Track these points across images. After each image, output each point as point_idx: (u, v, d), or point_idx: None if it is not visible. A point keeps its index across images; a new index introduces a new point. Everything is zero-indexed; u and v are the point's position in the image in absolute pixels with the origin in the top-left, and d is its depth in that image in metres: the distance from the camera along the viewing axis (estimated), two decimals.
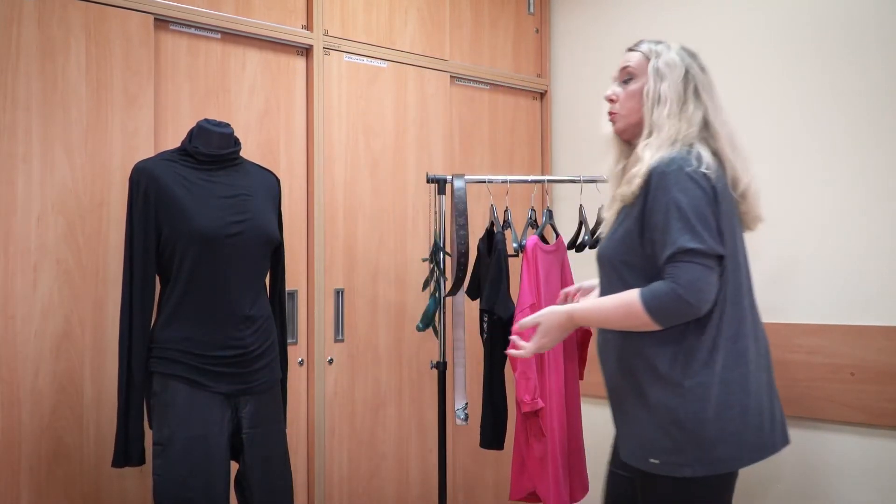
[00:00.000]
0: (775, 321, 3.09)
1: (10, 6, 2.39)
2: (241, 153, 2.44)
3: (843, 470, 2.90)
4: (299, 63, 3.05)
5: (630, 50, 2.03)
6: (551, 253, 2.76)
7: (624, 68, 2.01)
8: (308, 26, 3.04)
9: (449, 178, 2.77)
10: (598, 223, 2.84)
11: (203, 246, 2.24)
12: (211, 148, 2.33)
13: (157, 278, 2.31)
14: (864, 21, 2.92)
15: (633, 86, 1.98)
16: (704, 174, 1.81)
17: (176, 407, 2.21)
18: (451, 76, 3.49)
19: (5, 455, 2.34)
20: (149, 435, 2.28)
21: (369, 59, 3.21)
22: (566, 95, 3.86)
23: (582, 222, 2.88)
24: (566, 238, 2.88)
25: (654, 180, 1.82)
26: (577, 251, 2.84)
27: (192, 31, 2.77)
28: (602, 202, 2.81)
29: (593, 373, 2.92)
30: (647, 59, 1.97)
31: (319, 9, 3.05)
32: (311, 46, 3.04)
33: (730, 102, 3.24)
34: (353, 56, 3.16)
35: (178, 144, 2.42)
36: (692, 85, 1.93)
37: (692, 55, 2.00)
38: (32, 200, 2.41)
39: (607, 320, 1.89)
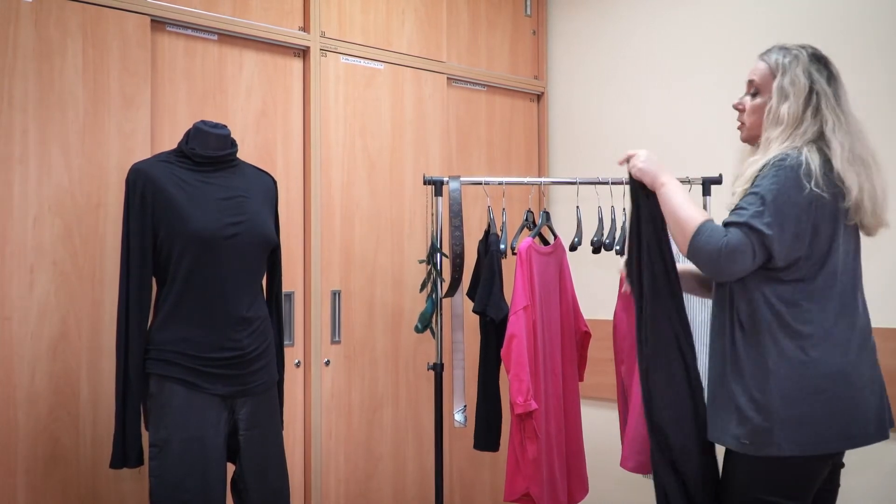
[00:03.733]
0: None
1: (7, 7, 2.39)
2: (238, 154, 2.44)
3: (842, 470, 2.90)
4: (296, 64, 3.05)
5: (760, 58, 2.05)
6: (548, 255, 2.76)
7: (751, 81, 2.06)
8: (305, 28, 3.04)
9: (445, 179, 2.77)
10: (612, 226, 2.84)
11: (200, 247, 2.24)
12: (208, 149, 2.33)
13: (154, 280, 2.31)
14: (864, 21, 2.92)
15: (757, 100, 2.04)
16: (808, 173, 1.86)
17: (173, 408, 2.21)
18: (447, 78, 3.49)
19: (1, 457, 2.33)
20: (145, 436, 2.28)
21: (366, 61, 3.21)
22: (563, 97, 3.86)
23: (579, 224, 2.88)
24: (567, 240, 2.88)
25: (765, 170, 1.92)
26: (570, 250, 2.84)
27: (189, 32, 2.77)
28: (599, 203, 2.81)
29: (593, 374, 2.93)
30: (773, 74, 1.99)
31: (316, 10, 3.05)
32: (308, 48, 3.04)
33: (726, 102, 3.25)
34: (350, 57, 3.16)
35: (174, 146, 2.41)
36: (813, 103, 1.95)
37: (822, 64, 2.00)
38: (29, 202, 2.41)
39: (669, 210, 2.03)
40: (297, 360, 3.00)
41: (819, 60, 2.00)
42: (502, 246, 2.77)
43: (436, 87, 3.44)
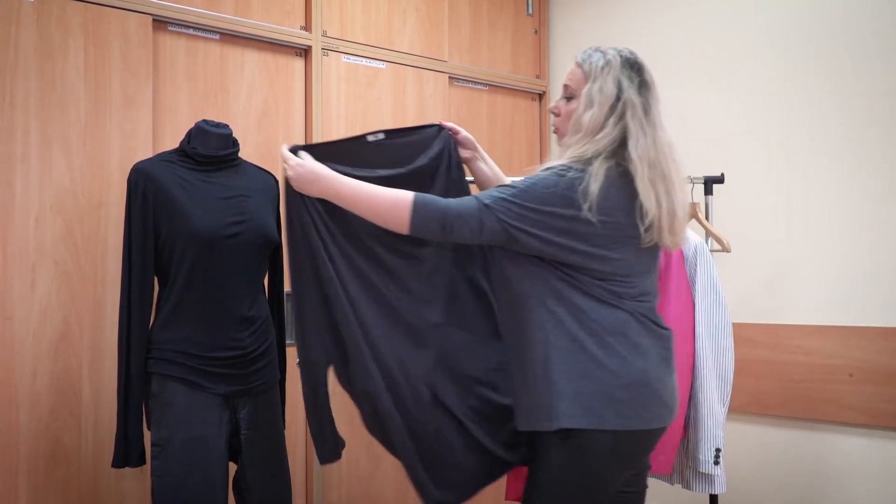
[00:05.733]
0: (774, 323, 3.09)
1: (9, 7, 2.39)
2: (240, 154, 2.44)
3: (841, 471, 2.90)
4: (298, 64, 3.04)
5: (576, 62, 1.99)
6: None
7: (566, 85, 2.01)
8: (307, 27, 3.04)
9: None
10: None
11: (201, 247, 2.24)
12: (209, 149, 2.32)
13: (156, 279, 2.31)
14: (864, 22, 2.92)
15: (572, 105, 1.97)
16: (585, 193, 1.83)
17: (174, 408, 2.21)
18: (449, 77, 3.49)
19: (3, 456, 2.33)
20: (147, 436, 2.27)
21: (368, 60, 3.21)
22: None
23: None
24: None
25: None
26: None
27: (191, 31, 2.77)
28: None
29: None
30: (586, 80, 1.94)
31: (318, 10, 3.05)
32: (310, 47, 3.04)
33: (728, 102, 3.26)
34: (351, 57, 3.16)
35: (176, 145, 2.41)
36: (618, 112, 1.90)
37: (635, 71, 1.94)
38: (31, 201, 2.41)
39: (367, 202, 1.97)
40: (298, 360, 2.99)
41: (632, 67, 1.94)
42: None
43: (437, 86, 3.43)
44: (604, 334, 1.87)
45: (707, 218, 2.83)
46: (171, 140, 2.67)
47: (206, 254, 2.25)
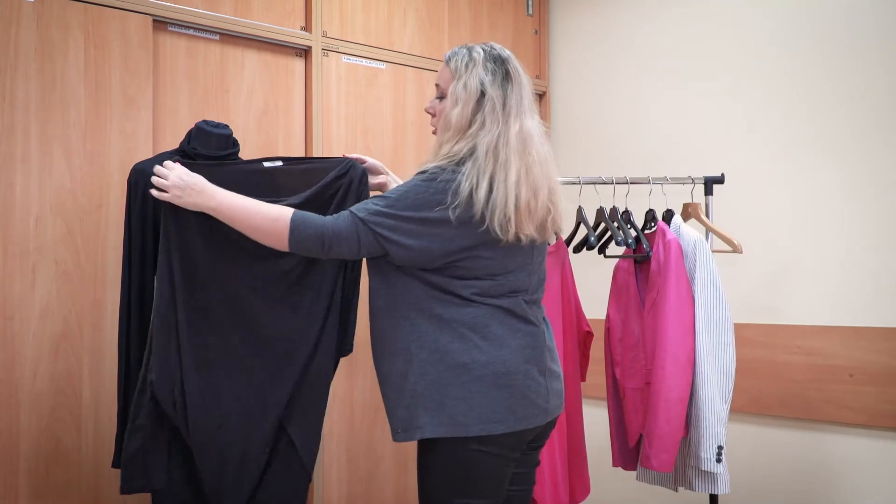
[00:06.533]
0: (774, 323, 3.09)
1: (9, 7, 2.39)
2: (240, 154, 2.44)
3: (842, 471, 2.90)
4: (298, 64, 3.04)
5: (445, 61, 2.01)
6: (551, 254, 2.75)
7: (437, 85, 2.03)
8: (307, 27, 3.04)
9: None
10: (597, 224, 2.84)
11: None
12: (209, 149, 2.32)
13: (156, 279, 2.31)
14: (865, 21, 2.92)
15: (443, 104, 1.99)
16: (456, 192, 1.84)
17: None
18: None
19: (3, 457, 2.33)
20: None
21: (368, 61, 3.21)
22: (565, 96, 3.86)
23: (580, 223, 2.88)
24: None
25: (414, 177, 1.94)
26: (574, 251, 2.84)
27: (191, 32, 2.77)
28: (601, 203, 2.81)
29: (595, 374, 2.93)
30: (452, 77, 1.96)
31: (318, 10, 3.05)
32: (310, 48, 3.04)
33: (728, 102, 3.26)
34: (351, 57, 3.16)
35: (176, 146, 2.41)
36: (484, 109, 1.91)
37: (497, 65, 1.95)
38: (31, 202, 2.41)
39: (243, 217, 1.97)
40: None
41: (495, 61, 1.95)
42: None
43: None
44: (461, 328, 1.88)
45: (707, 218, 2.83)
46: (172, 140, 2.67)
47: None
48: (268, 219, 1.95)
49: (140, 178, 2.25)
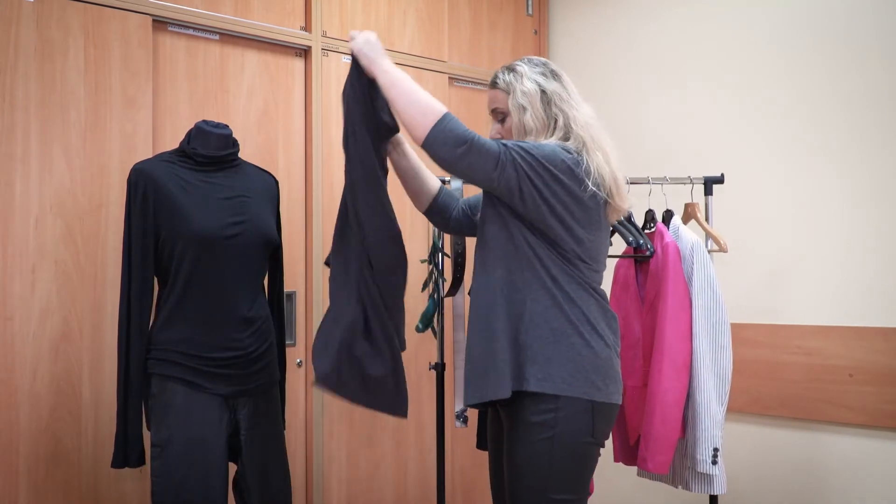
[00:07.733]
0: (774, 323, 3.09)
1: (9, 7, 2.39)
2: (240, 154, 2.44)
3: (841, 471, 2.90)
4: (298, 64, 3.05)
5: (490, 87, 2.10)
6: None
7: (494, 110, 2.10)
8: (306, 27, 3.04)
9: (447, 178, 2.77)
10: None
11: (201, 247, 2.24)
12: (209, 149, 2.33)
13: (156, 280, 2.31)
14: (865, 21, 2.92)
15: (507, 123, 2.07)
16: (577, 164, 1.94)
17: (174, 408, 2.21)
18: (449, 77, 3.49)
19: (3, 456, 2.33)
20: (147, 436, 2.27)
21: None
22: None
23: None
24: None
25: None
26: None
27: (191, 32, 2.77)
28: None
29: None
30: (507, 94, 2.05)
31: (318, 10, 3.05)
32: (310, 48, 3.04)
33: (728, 102, 3.26)
34: (351, 57, 3.15)
35: (176, 146, 2.41)
36: (551, 103, 2.01)
37: (543, 66, 2.06)
38: (31, 202, 2.41)
39: (403, 92, 1.97)
40: (298, 360, 3.00)
41: (538, 65, 2.06)
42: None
43: (437, 86, 3.43)
44: (588, 320, 1.97)
45: (707, 218, 2.83)
46: (171, 140, 2.67)
47: (205, 254, 2.25)
48: (422, 103, 1.93)
49: (140, 177, 2.26)
